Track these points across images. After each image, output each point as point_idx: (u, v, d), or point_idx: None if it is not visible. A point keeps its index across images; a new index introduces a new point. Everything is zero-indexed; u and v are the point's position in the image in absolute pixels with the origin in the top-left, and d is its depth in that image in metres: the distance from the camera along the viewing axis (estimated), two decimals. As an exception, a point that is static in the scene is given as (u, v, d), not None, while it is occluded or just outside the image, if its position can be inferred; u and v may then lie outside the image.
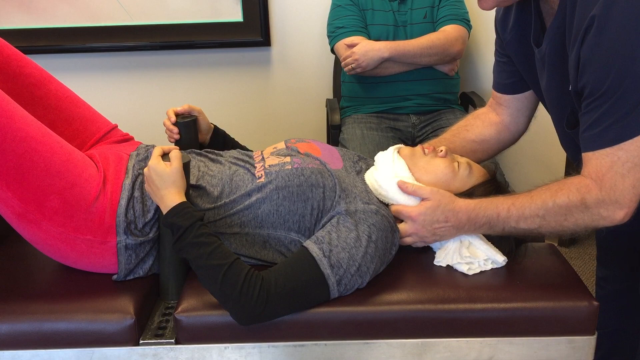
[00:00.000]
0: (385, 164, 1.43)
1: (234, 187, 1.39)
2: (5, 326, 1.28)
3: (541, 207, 1.22)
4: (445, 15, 2.33)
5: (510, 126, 1.55)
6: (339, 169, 1.43)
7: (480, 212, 1.29)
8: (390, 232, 1.33)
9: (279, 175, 1.36)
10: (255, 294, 1.20)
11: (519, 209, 1.25)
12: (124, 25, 2.65)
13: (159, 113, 2.50)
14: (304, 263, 1.26)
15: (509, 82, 1.50)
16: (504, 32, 1.41)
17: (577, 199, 1.18)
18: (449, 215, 1.31)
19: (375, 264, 1.30)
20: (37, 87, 1.55)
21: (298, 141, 1.52)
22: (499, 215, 1.27)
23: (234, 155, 1.50)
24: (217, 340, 1.28)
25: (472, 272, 1.35)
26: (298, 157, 1.42)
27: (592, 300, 1.27)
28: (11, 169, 1.28)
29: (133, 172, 1.42)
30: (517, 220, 1.25)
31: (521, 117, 1.54)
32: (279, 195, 1.34)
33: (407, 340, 1.29)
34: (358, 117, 2.36)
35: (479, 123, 1.59)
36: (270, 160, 1.43)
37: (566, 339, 1.28)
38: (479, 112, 1.62)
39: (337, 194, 1.34)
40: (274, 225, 1.35)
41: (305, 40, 2.68)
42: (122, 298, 1.32)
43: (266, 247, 1.37)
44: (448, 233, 1.34)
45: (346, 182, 1.38)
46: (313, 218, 1.35)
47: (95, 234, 1.35)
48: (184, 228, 1.23)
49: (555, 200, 1.20)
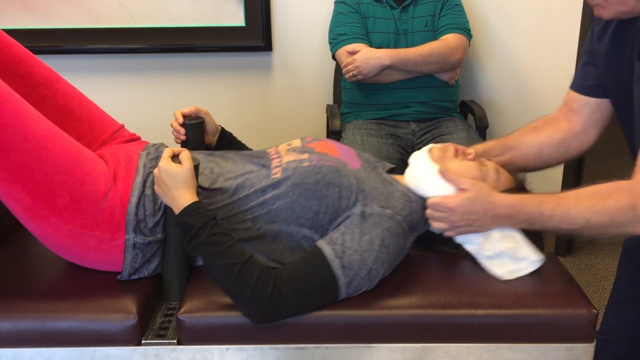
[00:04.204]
0: (421, 161, 1.44)
1: (248, 184, 1.39)
2: (8, 324, 1.29)
3: (588, 209, 1.21)
4: (446, 24, 2.35)
5: (580, 135, 1.51)
6: (357, 168, 1.43)
7: (522, 208, 1.29)
8: (402, 238, 1.34)
9: (295, 171, 1.36)
10: (268, 292, 1.21)
11: (564, 210, 1.24)
12: (126, 28, 2.65)
13: (160, 116, 2.51)
14: (316, 263, 1.26)
15: (593, 84, 1.46)
16: (600, 42, 1.39)
17: (627, 203, 1.18)
18: (488, 208, 1.31)
19: (384, 269, 1.31)
20: (45, 86, 1.56)
21: (315, 140, 1.51)
22: (542, 214, 1.27)
23: (246, 153, 1.50)
24: (219, 342, 1.29)
25: (507, 277, 1.35)
26: (316, 154, 1.42)
27: (591, 308, 1.29)
28: (21, 165, 1.29)
29: (144, 171, 1.42)
30: (560, 221, 1.25)
31: (592, 126, 1.50)
32: (295, 192, 1.34)
33: (407, 345, 1.30)
34: (358, 123, 2.37)
35: (549, 126, 1.55)
36: (288, 157, 1.43)
37: (565, 346, 1.30)
38: (549, 117, 1.58)
39: (354, 194, 1.35)
40: (287, 221, 1.36)
41: (306, 46, 2.70)
42: (125, 298, 1.33)
43: (276, 242, 1.37)
44: (484, 225, 1.33)
45: (366, 183, 1.38)
46: (327, 216, 1.35)
47: (104, 231, 1.35)
48: (197, 227, 1.23)
49: (605, 204, 1.20)
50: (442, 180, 1.37)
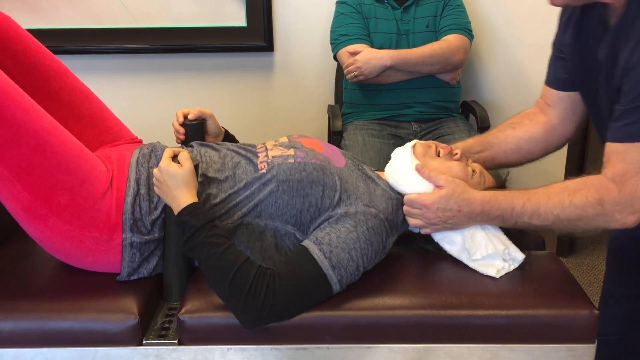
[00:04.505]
0: (403, 157, 1.45)
1: (237, 179, 1.40)
2: (9, 324, 1.29)
3: (557, 205, 1.23)
4: (447, 24, 2.35)
5: (557, 128, 1.52)
6: (341, 167, 1.44)
7: (495, 204, 1.30)
8: (385, 237, 1.36)
9: (280, 168, 1.37)
10: (262, 296, 1.21)
11: (534, 206, 1.26)
12: (127, 28, 2.66)
13: (161, 116, 2.51)
14: (306, 264, 1.27)
15: (565, 77, 1.46)
16: (565, 33, 1.40)
17: (594, 199, 1.20)
18: (462, 205, 1.32)
19: (369, 263, 1.33)
20: (54, 79, 1.56)
21: (301, 136, 1.53)
22: (514, 210, 1.28)
23: (234, 146, 1.50)
24: (220, 342, 1.29)
25: (500, 275, 1.35)
26: (302, 151, 1.42)
27: (593, 308, 1.28)
28: (23, 161, 1.29)
29: (137, 169, 1.42)
30: (530, 217, 1.27)
31: (569, 119, 1.51)
32: (279, 188, 1.36)
33: (408, 345, 1.29)
34: (360, 123, 2.37)
35: (527, 121, 1.56)
36: (274, 152, 1.44)
37: (566, 346, 1.29)
38: (527, 112, 1.58)
39: (337, 193, 1.36)
40: (272, 216, 1.37)
41: (308, 46, 2.70)
42: (126, 298, 1.33)
43: (262, 238, 1.38)
44: (459, 222, 1.34)
45: (349, 182, 1.39)
46: (310, 215, 1.36)
47: (102, 232, 1.35)
48: (195, 227, 1.24)
49: (573, 200, 1.22)
50: (420, 176, 1.38)
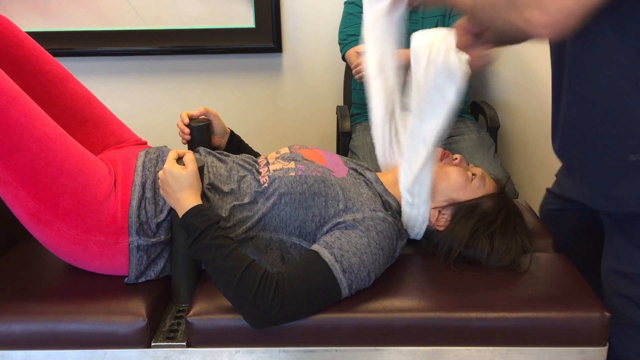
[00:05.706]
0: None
1: (241, 192, 1.40)
2: (19, 326, 1.29)
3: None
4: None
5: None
6: (343, 177, 1.44)
7: None
8: (395, 240, 1.36)
9: (282, 181, 1.38)
10: (270, 296, 1.20)
11: None
12: (136, 30, 2.67)
13: (170, 118, 2.51)
14: (316, 268, 1.26)
15: None
16: None
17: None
18: None
19: (380, 269, 1.33)
20: (55, 85, 1.56)
21: (302, 147, 1.53)
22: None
23: (240, 158, 1.51)
24: (228, 344, 1.29)
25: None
26: (302, 164, 1.43)
27: (604, 311, 1.27)
28: (27, 167, 1.30)
29: (143, 172, 1.42)
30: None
31: None
32: (281, 200, 1.36)
33: (417, 348, 1.29)
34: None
35: None
36: (275, 165, 1.44)
37: (577, 349, 1.28)
38: None
39: (340, 203, 1.36)
40: (276, 229, 1.37)
41: (316, 47, 2.69)
42: (135, 300, 1.33)
43: (267, 252, 1.38)
44: None
45: (352, 190, 1.40)
46: (314, 224, 1.36)
47: (108, 235, 1.35)
48: (200, 230, 1.23)
49: None
50: None
